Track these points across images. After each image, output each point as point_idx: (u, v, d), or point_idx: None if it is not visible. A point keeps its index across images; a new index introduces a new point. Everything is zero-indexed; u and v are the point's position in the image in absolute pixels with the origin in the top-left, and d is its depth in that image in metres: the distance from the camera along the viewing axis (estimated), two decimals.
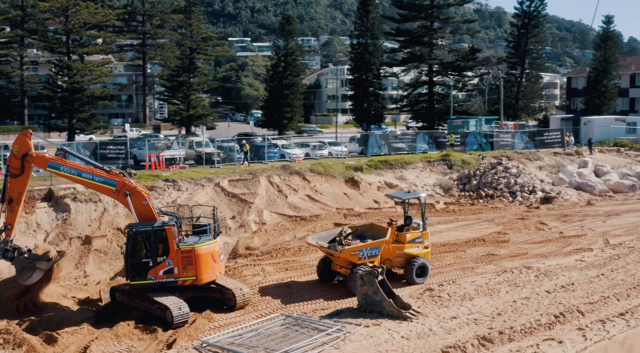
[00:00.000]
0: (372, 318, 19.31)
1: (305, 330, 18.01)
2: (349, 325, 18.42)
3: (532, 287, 22.49)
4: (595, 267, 25.63)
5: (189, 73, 73.48)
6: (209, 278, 24.61)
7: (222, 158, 52.83)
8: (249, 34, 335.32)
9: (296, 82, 78.11)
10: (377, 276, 20.22)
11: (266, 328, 18.71)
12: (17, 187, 25.42)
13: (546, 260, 29.03)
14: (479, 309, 20.05)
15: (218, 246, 25.18)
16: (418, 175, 51.63)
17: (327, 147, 60.80)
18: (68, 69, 62.21)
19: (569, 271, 24.75)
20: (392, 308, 19.52)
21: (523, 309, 19.95)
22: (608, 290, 22.21)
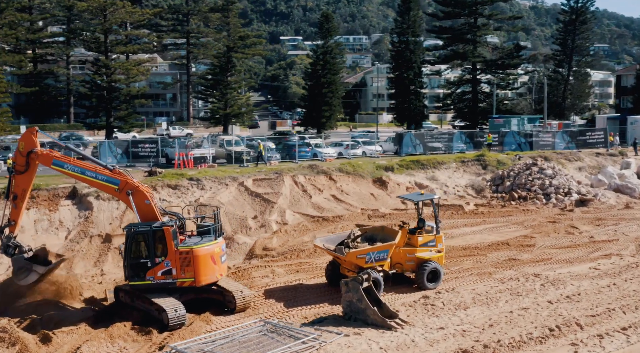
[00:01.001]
0: (355, 326, 18.52)
1: (281, 338, 17.37)
2: (329, 334, 17.68)
3: (535, 297, 21.32)
4: (609, 275, 24.23)
5: (226, 71, 73.45)
6: (207, 280, 24.13)
7: (253, 157, 52.48)
8: (300, 32, 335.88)
9: (335, 81, 77.30)
10: (361, 283, 19.39)
11: (242, 335, 18.13)
12: (22, 184, 25.61)
13: (570, 267, 27.65)
14: (471, 320, 19.04)
15: (219, 247, 24.66)
16: (450, 175, 50.33)
17: (361, 147, 59.90)
18: (106, 67, 62.88)
19: (579, 280, 23.43)
20: (376, 316, 18.68)
21: (518, 321, 18.85)
22: (616, 302, 20.87)
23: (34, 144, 25.39)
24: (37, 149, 25.31)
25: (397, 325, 18.73)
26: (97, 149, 52.33)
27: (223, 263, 25.02)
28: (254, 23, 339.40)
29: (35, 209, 38.37)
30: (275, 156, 53.50)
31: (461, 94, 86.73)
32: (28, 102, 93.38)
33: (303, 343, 16.95)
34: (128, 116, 67.32)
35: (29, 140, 25.40)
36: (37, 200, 38.85)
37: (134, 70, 64.33)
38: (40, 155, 25.29)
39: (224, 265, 25.29)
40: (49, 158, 25.35)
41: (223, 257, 25.01)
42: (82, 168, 25.38)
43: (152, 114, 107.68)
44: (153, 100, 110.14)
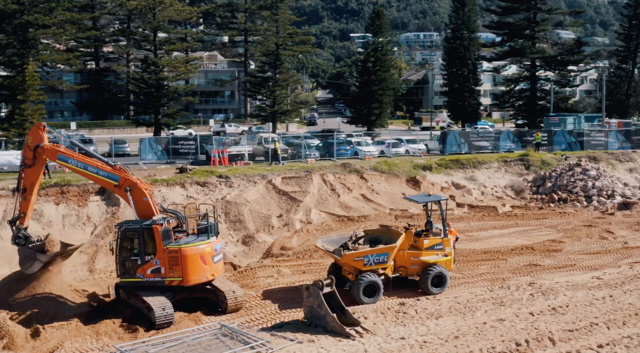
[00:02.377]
0: (314, 333, 17.81)
1: (232, 343, 16.89)
2: (283, 340, 17.06)
3: (519, 307, 20.06)
4: (610, 286, 22.64)
5: (275, 69, 73.43)
6: (196, 280, 23.73)
7: (290, 154, 52.17)
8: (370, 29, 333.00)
9: (385, 78, 76.14)
10: (321, 288, 18.64)
11: (194, 338, 17.71)
12: (30, 177, 26.00)
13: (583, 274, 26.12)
14: (438, 330, 18.03)
15: (211, 247, 24.15)
16: (490, 175, 48.71)
17: (405, 145, 58.73)
18: (154, 65, 63.77)
19: (575, 290, 21.97)
20: (335, 324, 17.91)
21: (487, 333, 17.71)
22: (604, 316, 19.40)
23: (41, 139, 25.64)
24: (44, 144, 25.59)
25: (356, 333, 17.95)
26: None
27: (216, 263, 24.58)
28: (324, 20, 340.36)
29: (65, 204, 39.11)
30: (314, 154, 53.05)
31: (519, 91, 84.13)
32: (90, 99, 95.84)
33: (251, 348, 16.42)
34: (176, 113, 68.09)
35: (36, 135, 25.72)
36: (67, 195, 39.61)
37: (182, 68, 65.00)
38: (46, 150, 25.61)
39: (218, 264, 24.76)
40: (54, 152, 25.64)
41: (217, 256, 24.55)
42: (85, 163, 25.47)
43: (210, 111, 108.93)
44: (211, 98, 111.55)
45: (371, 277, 24.63)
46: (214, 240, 24.55)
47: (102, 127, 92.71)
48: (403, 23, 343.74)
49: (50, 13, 56.35)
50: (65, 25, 57.50)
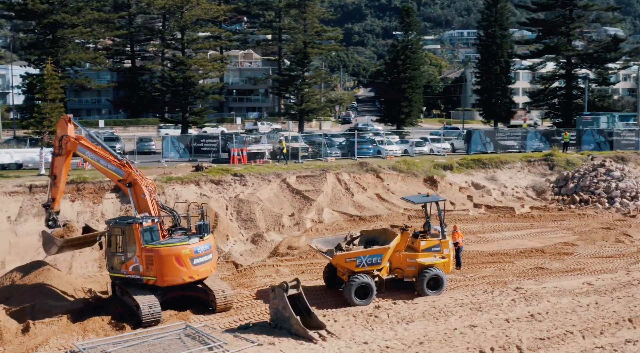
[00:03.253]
0: (277, 335, 17.53)
1: (193, 343, 16.71)
2: (244, 342, 16.82)
3: (496, 313, 19.41)
4: (599, 292, 21.78)
5: (302, 67, 73.21)
6: (170, 281, 23.50)
7: (311, 153, 51.93)
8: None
9: (415, 76, 75.24)
10: (286, 290, 18.32)
11: (156, 338, 17.61)
12: (59, 165, 27.15)
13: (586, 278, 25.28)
14: (405, 335, 17.54)
15: (189, 249, 23.66)
16: (512, 176, 47.69)
17: (429, 144, 57.98)
18: (182, 64, 64.21)
19: (560, 296, 21.18)
20: (298, 326, 17.58)
21: (454, 340, 17.14)
22: (583, 324, 18.61)
23: (66, 130, 26.65)
24: (67, 135, 26.48)
25: (319, 336, 17.60)
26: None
27: (197, 265, 23.84)
28: (367, 18, 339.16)
29: (80, 201, 39.64)
30: (335, 153, 52.70)
31: (554, 89, 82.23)
32: (126, 97, 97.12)
33: (209, 349, 16.25)
34: (203, 112, 68.50)
35: (62, 126, 26.98)
36: (83, 192, 40.13)
37: (210, 66, 65.32)
38: (69, 141, 26.49)
39: (200, 267, 23.97)
40: (75, 144, 26.44)
41: (198, 258, 23.87)
42: (99, 157, 26.04)
43: (244, 109, 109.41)
44: (245, 96, 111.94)
45: (363, 278, 24.25)
46: (194, 242, 24.01)
47: (136, 125, 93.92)
48: (447, 20, 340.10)
49: (78, 12, 57.15)
50: (93, 24, 58.18)
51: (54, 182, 27.39)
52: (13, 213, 37.84)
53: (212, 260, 24.57)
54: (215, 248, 25.80)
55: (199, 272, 23.93)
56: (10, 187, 39.43)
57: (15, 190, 39.24)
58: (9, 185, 39.65)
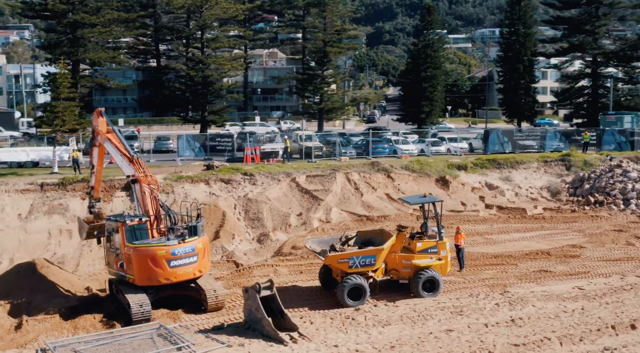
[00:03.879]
0: (249, 337, 17.37)
1: (162, 343, 16.66)
2: (214, 343, 16.70)
3: (477, 318, 18.98)
4: (588, 297, 21.18)
5: (322, 66, 72.99)
6: (145, 281, 23.45)
7: (325, 152, 51.73)
8: (445, 26, 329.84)
9: (436, 75, 74.52)
10: (259, 291, 18.14)
11: (129, 337, 17.60)
12: (95, 156, 28.19)
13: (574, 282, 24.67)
14: (378, 339, 17.23)
15: (166, 251, 23.45)
16: (527, 176, 46.93)
17: (446, 144, 57.38)
18: (201, 63, 64.49)
19: (547, 301, 20.64)
20: (269, 328, 17.41)
21: (426, 345, 16.79)
22: (563, 330, 18.07)
23: (96, 122, 27.40)
24: (97, 127, 27.31)
25: (290, 339, 17.40)
26: None
27: (176, 268, 23.60)
28: (398, 17, 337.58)
29: None
30: (350, 152, 52.45)
31: (580, 88, 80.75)
32: (150, 96, 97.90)
33: (178, 350, 16.18)
34: (222, 110, 68.73)
35: (95, 118, 27.71)
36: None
37: (228, 65, 65.49)
38: (98, 133, 27.29)
39: (179, 269, 23.68)
40: (103, 137, 27.01)
41: (177, 261, 23.60)
42: (118, 151, 26.36)
43: (268, 108, 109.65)
44: (269, 95, 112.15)
45: (356, 279, 23.99)
46: (172, 244, 23.80)
47: (160, 124, 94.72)
48: (479, 19, 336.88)
49: (98, 12, 57.73)
50: (112, 24, 58.73)
51: (92, 172, 28.56)
52: (24, 211, 38.33)
53: (197, 262, 24.02)
54: (208, 250, 25.31)
55: (177, 275, 23.60)
56: (22, 185, 39.96)
57: (26, 188, 39.77)
58: (21, 183, 40.19)
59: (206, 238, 25.34)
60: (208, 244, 25.32)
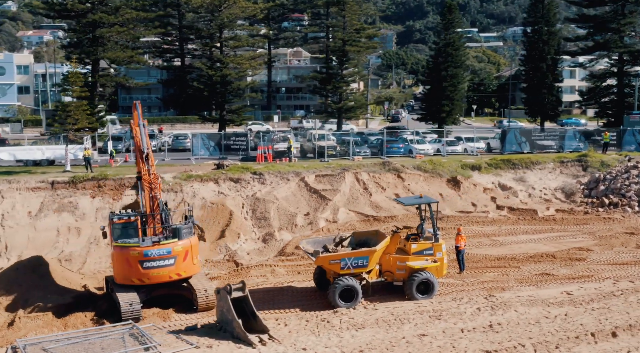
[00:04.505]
0: (219, 338, 17.21)
1: (132, 343, 16.60)
2: (184, 344, 16.58)
3: (455, 322, 18.54)
4: (574, 303, 20.58)
5: (341, 65, 72.64)
6: (121, 280, 23.94)
7: (339, 152, 51.48)
8: (476, 24, 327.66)
9: (457, 74, 73.69)
10: (230, 292, 17.97)
11: (100, 337, 17.59)
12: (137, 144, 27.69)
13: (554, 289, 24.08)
14: (349, 342, 16.93)
15: (138, 252, 23.59)
16: (542, 177, 46.13)
17: (463, 143, 56.70)
18: (219, 62, 64.64)
19: (531, 306, 20.10)
20: (239, 330, 17.23)
21: (396, 349, 16.47)
22: (540, 337, 17.55)
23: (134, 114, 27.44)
24: (132, 120, 27.53)
25: (259, 341, 17.20)
26: None
27: (149, 269, 23.73)
28: (429, 15, 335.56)
29: (100, 198, 40.28)
30: (364, 152, 52.11)
31: (605, 88, 79.18)
32: (174, 95, 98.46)
33: (145, 350, 16.12)
34: (240, 109, 68.85)
35: (133, 110, 27.84)
36: (104, 189, 40.79)
37: (246, 65, 65.56)
38: (132, 125, 27.54)
39: (152, 271, 23.75)
40: (135, 129, 27.01)
41: (154, 262, 23.67)
42: (138, 146, 26.41)
43: (292, 107, 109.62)
44: (293, 94, 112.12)
45: (348, 281, 23.76)
46: (146, 245, 23.84)
47: (183, 123, 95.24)
48: (510, 17, 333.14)
49: (117, 12, 58.19)
50: (131, 23, 59.11)
51: (138, 159, 28.13)
52: (34, 208, 38.75)
53: (175, 266, 23.78)
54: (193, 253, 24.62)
55: (150, 276, 23.70)
56: (34, 183, 40.42)
57: (37, 186, 40.21)
58: (32, 181, 40.65)
59: (192, 241, 24.75)
60: (194, 247, 24.72)
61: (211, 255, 33.67)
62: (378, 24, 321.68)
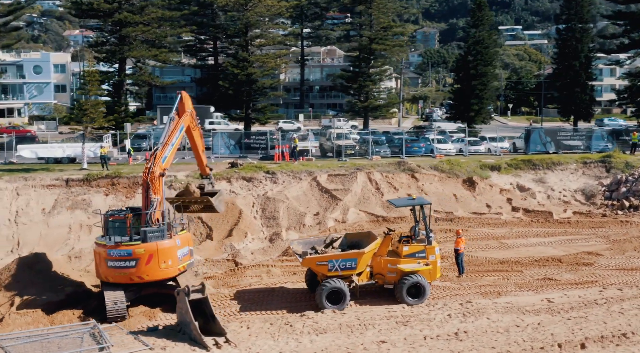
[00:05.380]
0: (176, 340, 16.99)
1: (88, 343, 16.53)
2: (139, 345, 16.41)
3: (421, 329, 17.94)
4: (553, 311, 19.73)
5: (367, 63, 72.07)
6: (100, 276, 24.48)
7: (359, 151, 51.05)
8: (520, 22, 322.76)
9: (487, 72, 72.25)
10: (188, 294, 17.73)
11: (60, 335, 17.55)
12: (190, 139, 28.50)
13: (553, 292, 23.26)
14: (304, 348, 16.47)
15: (103, 250, 23.79)
16: (563, 178, 44.93)
17: (487, 143, 55.66)
18: (245, 61, 64.80)
19: (505, 313, 19.32)
20: (195, 332, 16.98)
21: None
22: (505, 347, 16.79)
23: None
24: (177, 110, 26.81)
25: (214, 344, 16.91)
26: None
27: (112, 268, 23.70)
28: None
29: (113, 195, 40.67)
30: (384, 151, 51.57)
31: None
32: (208, 93, 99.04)
33: (100, 350, 16.04)
34: (265, 108, 68.95)
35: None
36: (117, 187, 41.17)
37: (272, 63, 65.59)
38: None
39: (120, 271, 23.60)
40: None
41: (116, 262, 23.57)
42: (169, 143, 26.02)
43: (325, 106, 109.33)
44: (326, 93, 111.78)
45: (335, 283, 23.37)
46: (110, 245, 23.87)
47: None
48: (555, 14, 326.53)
49: (142, 11, 58.74)
50: (155, 22, 59.61)
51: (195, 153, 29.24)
52: (48, 205, 39.28)
53: (136, 268, 23.40)
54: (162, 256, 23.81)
55: (113, 276, 23.75)
56: (49, 180, 41.00)
57: (52, 183, 40.77)
58: (47, 178, 41.25)
59: (159, 245, 23.89)
60: (163, 250, 23.85)
61: (216, 254, 33.64)
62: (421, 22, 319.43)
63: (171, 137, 26.05)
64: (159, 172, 25.03)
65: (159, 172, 25.03)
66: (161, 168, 25.37)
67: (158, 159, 25.59)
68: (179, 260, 24.12)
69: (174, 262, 23.86)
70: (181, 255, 24.22)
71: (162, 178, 25.17)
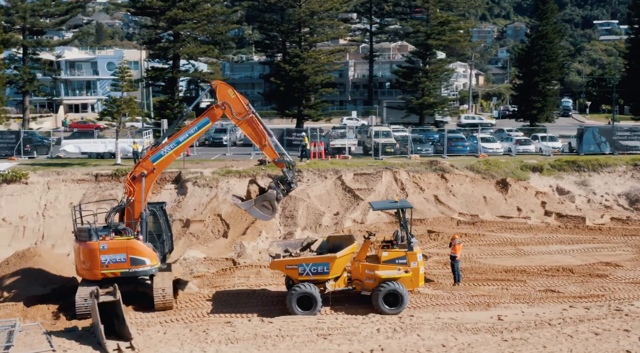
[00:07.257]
0: (85, 343, 16.53)
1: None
2: (43, 345, 16.06)
3: (338, 344, 16.54)
4: (494, 330, 17.84)
5: (423, 59, 70.17)
6: (78, 274, 24.59)
7: (398, 149, 49.66)
8: (617, 16, 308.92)
9: (551, 68, 68.91)
10: (97, 296, 17.18)
11: None
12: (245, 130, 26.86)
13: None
14: None
15: (74, 248, 24.13)
16: (608, 181, 42.16)
17: (538, 142, 52.98)
18: (297, 57, 64.44)
19: (440, 330, 17.67)
20: (100, 335, 16.45)
21: None
22: None
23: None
24: None
25: (115, 349, 16.29)
26: None
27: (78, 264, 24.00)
28: (567, 7, 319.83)
29: None
30: (426, 150, 49.97)
31: None
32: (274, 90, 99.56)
33: (5, 348, 15.85)
34: (318, 105, 68.37)
35: None
36: None
37: (323, 59, 64.89)
38: None
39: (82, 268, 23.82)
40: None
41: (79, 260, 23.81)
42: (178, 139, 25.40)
43: None
44: (395, 89, 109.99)
45: (305, 288, 22.54)
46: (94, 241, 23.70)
47: (281, 117, 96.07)
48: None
49: (194, 8, 59.28)
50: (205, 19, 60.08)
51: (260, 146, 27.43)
52: (76, 200, 39.96)
53: (92, 265, 23.22)
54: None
55: (79, 272, 24.34)
56: (79, 175, 41.88)
57: (82, 178, 41.62)
58: (78, 173, 42.14)
59: (82, 246, 23.78)
60: (86, 251, 23.55)
61: (225, 253, 33.30)
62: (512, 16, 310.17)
63: (177, 135, 25.51)
64: (140, 171, 24.84)
65: (140, 171, 24.84)
66: (146, 168, 25.14)
67: (145, 158, 25.43)
68: (102, 266, 23.17)
69: (93, 265, 23.21)
70: (108, 260, 23.28)
71: (143, 178, 24.87)
